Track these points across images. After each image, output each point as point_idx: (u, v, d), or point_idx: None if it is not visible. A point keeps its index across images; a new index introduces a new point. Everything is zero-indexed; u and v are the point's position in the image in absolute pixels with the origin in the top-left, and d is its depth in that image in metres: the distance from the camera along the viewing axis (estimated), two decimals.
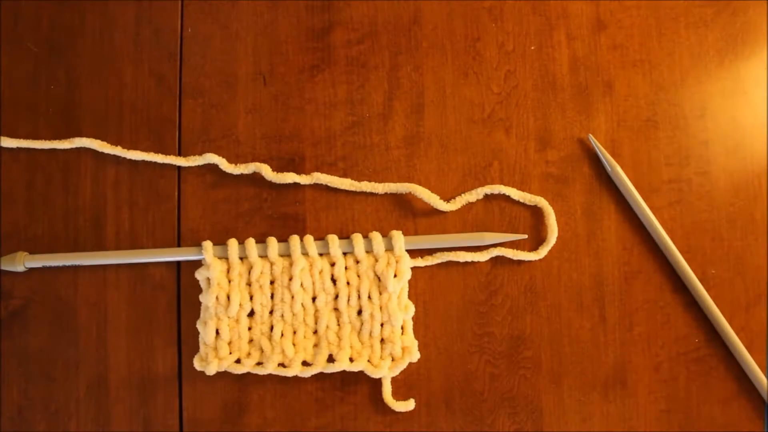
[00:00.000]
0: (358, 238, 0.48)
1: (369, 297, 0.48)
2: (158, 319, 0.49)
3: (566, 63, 0.52)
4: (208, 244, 0.48)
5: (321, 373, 0.49)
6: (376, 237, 0.48)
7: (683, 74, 0.52)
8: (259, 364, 0.48)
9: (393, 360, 0.48)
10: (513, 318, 0.50)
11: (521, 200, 0.50)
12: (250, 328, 0.49)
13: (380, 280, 0.48)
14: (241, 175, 0.50)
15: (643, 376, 0.50)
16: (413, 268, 0.50)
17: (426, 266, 0.50)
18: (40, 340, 0.49)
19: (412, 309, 0.49)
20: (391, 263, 0.48)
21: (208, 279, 0.48)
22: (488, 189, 0.50)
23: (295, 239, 0.48)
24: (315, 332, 0.49)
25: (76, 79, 0.51)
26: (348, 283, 0.48)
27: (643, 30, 0.53)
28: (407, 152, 0.51)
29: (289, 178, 0.50)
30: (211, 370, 0.47)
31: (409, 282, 0.49)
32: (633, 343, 0.50)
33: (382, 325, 0.48)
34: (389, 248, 0.49)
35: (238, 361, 0.48)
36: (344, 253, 0.49)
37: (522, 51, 0.52)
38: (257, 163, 0.50)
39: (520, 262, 0.50)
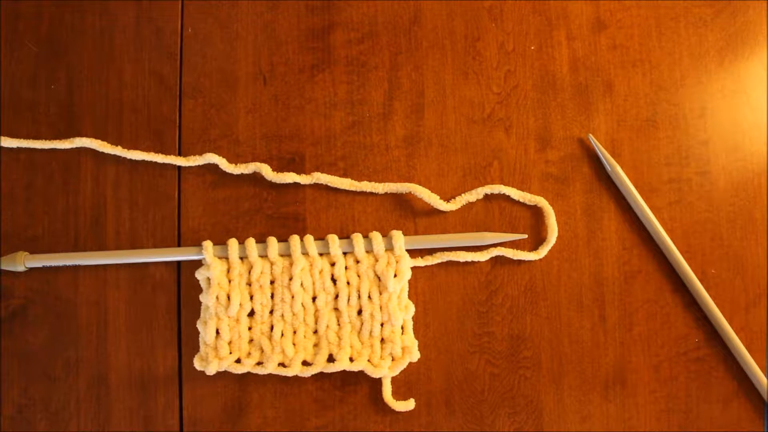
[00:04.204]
0: (358, 238, 0.48)
1: (369, 297, 0.48)
2: (158, 319, 0.49)
3: (566, 63, 0.52)
4: (208, 244, 0.48)
5: (321, 373, 0.49)
6: (376, 237, 0.48)
7: (683, 74, 0.52)
8: (259, 363, 0.48)
9: (393, 360, 0.48)
10: (513, 318, 0.50)
11: (521, 200, 0.50)
12: (250, 328, 0.49)
13: (380, 280, 0.48)
14: (241, 175, 0.50)
15: (643, 375, 0.50)
16: (413, 268, 0.50)
17: (426, 266, 0.50)
18: (40, 340, 0.49)
19: (412, 309, 0.49)
20: (391, 263, 0.48)
21: (208, 279, 0.48)
22: (488, 189, 0.50)
23: (295, 239, 0.48)
24: (315, 332, 0.49)
25: (76, 79, 0.51)
26: (348, 282, 0.48)
27: (643, 30, 0.53)
28: (407, 152, 0.51)
29: (289, 178, 0.50)
30: (211, 369, 0.47)
31: (409, 282, 0.49)
32: (633, 343, 0.50)
33: (382, 324, 0.48)
34: (389, 248, 0.49)
35: (238, 360, 0.48)
36: (344, 253, 0.49)
37: (522, 51, 0.52)
38: (257, 163, 0.50)
39: (520, 262, 0.50)
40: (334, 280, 0.49)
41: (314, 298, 0.49)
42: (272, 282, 0.49)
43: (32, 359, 0.49)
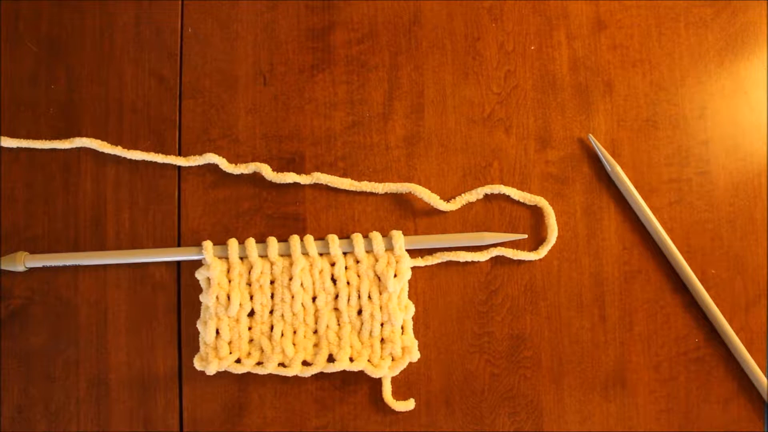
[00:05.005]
0: (358, 238, 0.48)
1: (369, 297, 0.48)
2: (158, 319, 0.49)
3: (566, 63, 0.52)
4: (208, 244, 0.48)
5: (321, 373, 0.49)
6: (376, 237, 0.48)
7: (683, 74, 0.52)
8: (259, 363, 0.48)
9: (393, 360, 0.48)
10: (513, 318, 0.50)
11: (521, 200, 0.50)
12: (250, 328, 0.49)
13: (380, 280, 0.48)
14: (241, 175, 0.50)
15: (643, 375, 0.50)
16: (413, 268, 0.50)
17: (426, 266, 0.50)
18: (40, 340, 0.49)
19: (412, 309, 0.49)
20: (391, 263, 0.48)
21: (208, 279, 0.48)
22: (488, 189, 0.50)
23: (295, 239, 0.48)
24: (315, 332, 0.49)
25: (76, 79, 0.51)
26: (348, 282, 0.48)
27: (643, 30, 0.53)
28: (407, 152, 0.51)
29: (289, 178, 0.50)
30: (211, 369, 0.47)
31: (409, 282, 0.49)
32: (633, 343, 0.50)
33: (382, 324, 0.48)
34: (389, 248, 0.49)
35: (238, 360, 0.48)
36: (344, 253, 0.49)
37: (522, 51, 0.52)
38: (257, 163, 0.50)
39: (520, 261, 0.50)
40: (334, 280, 0.49)
41: (314, 298, 0.49)
42: (272, 282, 0.49)
43: (32, 359, 0.49)
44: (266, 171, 0.49)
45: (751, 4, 0.53)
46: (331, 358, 0.48)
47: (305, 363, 0.48)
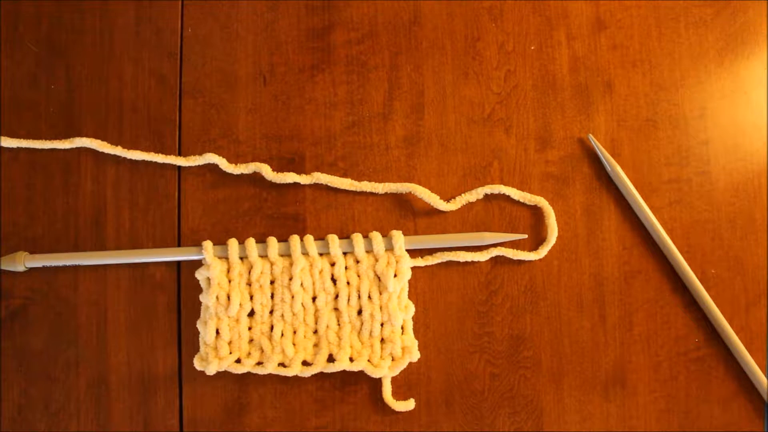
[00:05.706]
0: (358, 238, 0.48)
1: (369, 297, 0.48)
2: (158, 319, 0.49)
3: (566, 63, 0.52)
4: (208, 244, 0.48)
5: (321, 373, 0.49)
6: (376, 237, 0.48)
7: (683, 74, 0.52)
8: (259, 363, 0.48)
9: (393, 360, 0.48)
10: (513, 318, 0.50)
11: (521, 200, 0.50)
12: (250, 328, 0.49)
13: (380, 280, 0.48)
14: (241, 175, 0.50)
15: (643, 376, 0.50)
16: (413, 268, 0.50)
17: (426, 266, 0.50)
18: (40, 340, 0.49)
19: (412, 309, 0.49)
20: (391, 263, 0.48)
21: (208, 279, 0.48)
22: (488, 189, 0.50)
23: (295, 239, 0.48)
24: (315, 332, 0.49)
25: (76, 79, 0.51)
26: (348, 282, 0.48)
27: (643, 30, 0.53)
28: (407, 152, 0.51)
29: (289, 178, 0.50)
30: (212, 369, 0.47)
31: (409, 282, 0.49)
32: (633, 343, 0.50)
33: (382, 324, 0.48)
34: (389, 248, 0.49)
35: (238, 360, 0.48)
36: (344, 253, 0.49)
37: (522, 51, 0.52)
38: (257, 163, 0.50)
39: (520, 261, 0.50)
40: (334, 280, 0.49)
41: (314, 298, 0.49)
42: (272, 282, 0.49)
43: (32, 359, 0.49)
44: (266, 171, 0.49)
45: (751, 4, 0.53)
46: (331, 358, 0.48)
47: (305, 363, 0.48)
